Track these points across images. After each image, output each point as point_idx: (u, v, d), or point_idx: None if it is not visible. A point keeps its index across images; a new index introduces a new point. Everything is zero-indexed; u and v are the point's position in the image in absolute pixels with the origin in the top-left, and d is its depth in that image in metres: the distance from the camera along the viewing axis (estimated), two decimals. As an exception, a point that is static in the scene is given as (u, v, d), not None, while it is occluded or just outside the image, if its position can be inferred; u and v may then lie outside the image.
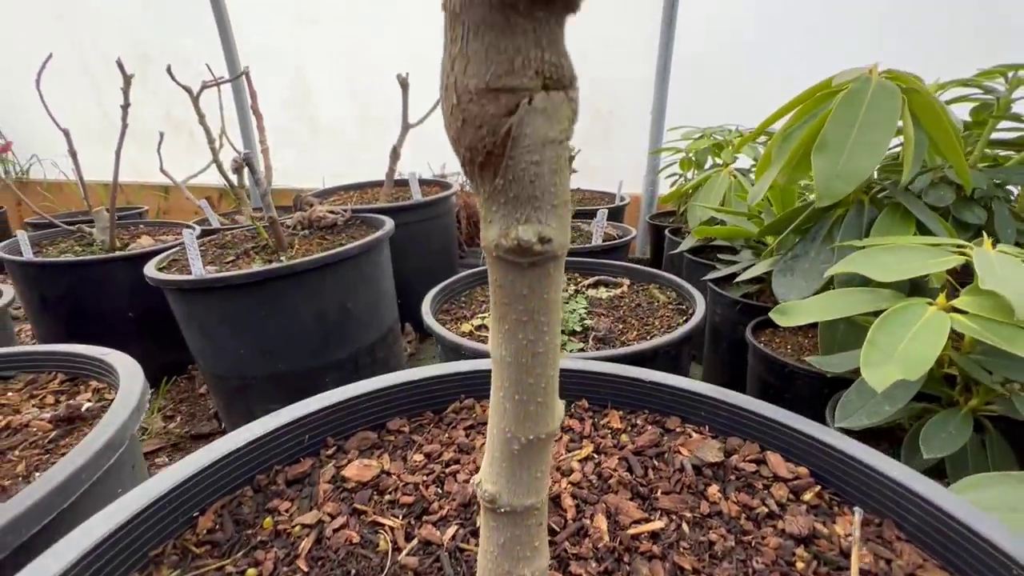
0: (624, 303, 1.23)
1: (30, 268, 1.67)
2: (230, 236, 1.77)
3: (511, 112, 0.23)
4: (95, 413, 0.67)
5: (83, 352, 0.77)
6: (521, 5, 0.21)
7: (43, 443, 0.62)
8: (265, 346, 1.37)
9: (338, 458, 0.52)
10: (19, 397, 0.72)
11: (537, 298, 0.28)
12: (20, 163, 3.76)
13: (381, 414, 0.58)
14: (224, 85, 2.66)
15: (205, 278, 1.27)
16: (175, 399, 1.84)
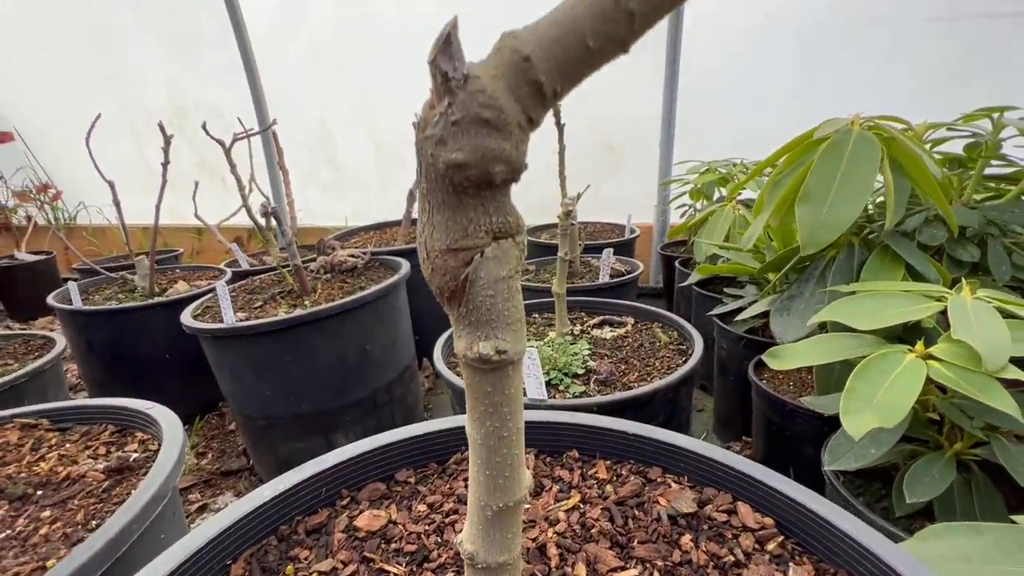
0: (627, 343, 1.28)
1: (78, 316, 1.81)
2: (258, 281, 1.88)
3: (468, 264, 0.30)
4: (141, 463, 0.76)
5: (130, 406, 0.86)
6: (470, 190, 0.29)
7: (98, 492, 0.70)
8: (289, 388, 1.46)
9: (351, 509, 0.59)
10: (76, 448, 0.81)
11: (499, 394, 0.34)
12: (69, 210, 4.04)
13: (390, 466, 0.65)
14: (251, 119, 2.86)
15: (235, 326, 1.37)
16: (207, 436, 1.94)
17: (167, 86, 3.50)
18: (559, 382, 1.09)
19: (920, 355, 0.75)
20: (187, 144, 3.72)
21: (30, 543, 0.62)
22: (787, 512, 0.53)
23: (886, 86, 2.42)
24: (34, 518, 0.66)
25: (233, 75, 3.26)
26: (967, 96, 2.32)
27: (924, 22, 2.35)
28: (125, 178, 3.12)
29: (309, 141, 3.47)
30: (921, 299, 0.83)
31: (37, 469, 0.76)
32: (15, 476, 0.75)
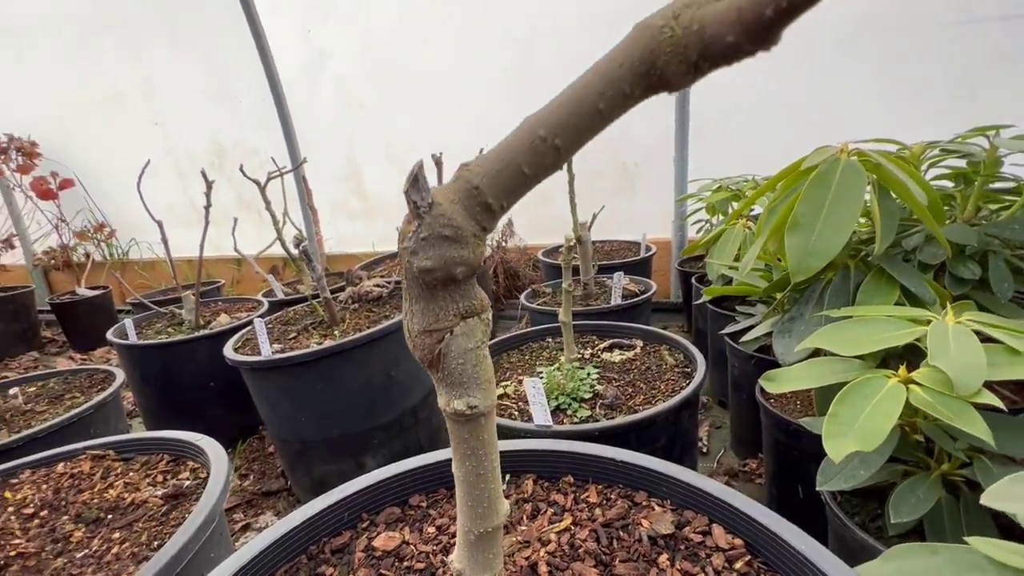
0: (635, 366, 1.34)
1: (133, 349, 1.99)
2: (292, 312, 2.02)
3: (440, 340, 0.38)
4: (193, 490, 0.87)
5: (182, 438, 0.97)
6: (439, 286, 0.37)
7: (158, 516, 0.81)
8: (321, 413, 1.57)
9: (370, 531, 0.67)
10: (138, 476, 0.93)
11: (475, 439, 0.42)
12: (122, 246, 4.36)
13: (404, 492, 0.73)
14: (284, 156, 3.05)
15: (271, 358, 1.50)
16: (248, 458, 2.08)
17: (208, 129, 3.77)
18: (567, 406, 1.16)
19: (902, 380, 0.79)
20: (226, 181, 3.98)
21: (104, 561, 0.73)
22: (755, 534, 0.58)
23: (904, 93, 2.41)
24: (107, 539, 0.77)
25: (267, 117, 3.50)
26: (988, 97, 2.30)
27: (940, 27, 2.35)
28: (171, 214, 3.36)
29: (338, 173, 3.66)
30: (905, 324, 0.86)
31: (107, 495, 0.88)
32: (89, 502, 0.87)
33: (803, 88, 2.62)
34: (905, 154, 1.29)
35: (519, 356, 1.51)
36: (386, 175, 3.56)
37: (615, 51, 0.36)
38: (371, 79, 3.28)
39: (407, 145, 3.43)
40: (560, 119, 0.36)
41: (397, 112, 3.33)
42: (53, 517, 0.84)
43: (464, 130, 3.33)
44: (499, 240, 3.31)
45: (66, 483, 0.93)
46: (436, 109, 3.27)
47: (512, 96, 3.16)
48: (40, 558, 0.75)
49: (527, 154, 0.36)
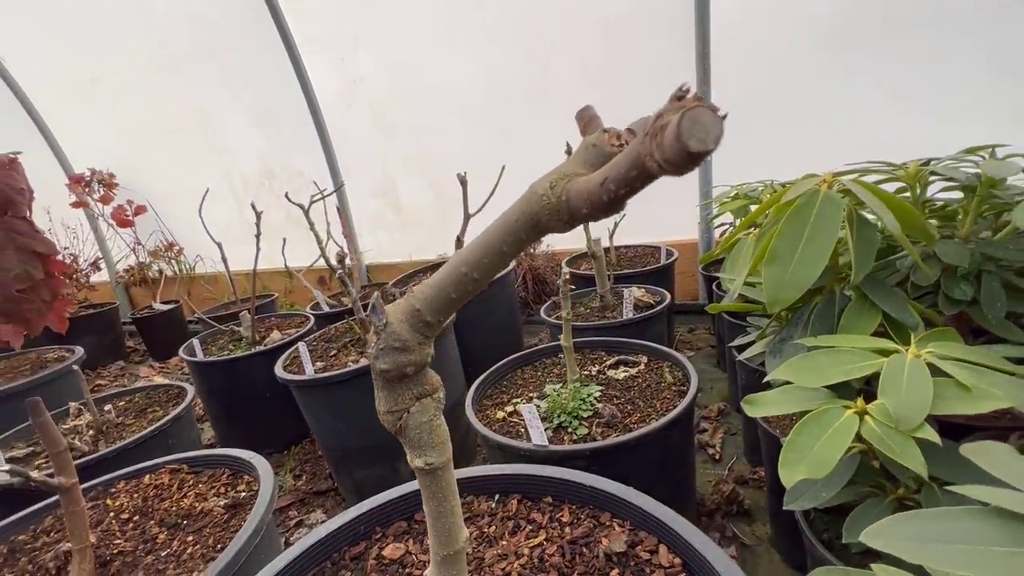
0: (637, 384, 1.43)
1: (200, 365, 2.26)
2: (334, 330, 2.23)
3: (400, 418, 0.52)
4: (247, 500, 1.06)
5: (239, 456, 1.17)
6: (395, 380, 0.51)
7: (221, 523, 1.00)
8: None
9: (381, 542, 0.83)
10: (205, 487, 1.13)
11: (436, 486, 0.56)
12: (189, 262, 4.80)
13: (411, 508, 0.88)
14: (325, 175, 3.29)
15: (314, 377, 1.70)
16: (301, 460, 2.32)
17: (257, 154, 4.09)
18: (568, 424, 1.27)
19: (858, 411, 0.86)
20: (276, 200, 4.30)
21: (181, 560, 0.93)
22: (692, 555, 0.69)
23: (932, 88, 2.32)
24: (183, 541, 0.97)
25: (309, 140, 3.77)
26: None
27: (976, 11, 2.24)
28: (227, 232, 3.70)
29: (375, 189, 3.89)
30: (869, 356, 0.92)
31: (182, 504, 1.08)
32: (169, 510, 1.08)
33: (834, 87, 2.57)
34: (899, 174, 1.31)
35: (532, 372, 1.64)
36: (418, 188, 3.75)
37: (513, 208, 0.48)
38: (401, 100, 3.47)
39: (437, 159, 3.60)
40: (477, 258, 0.48)
41: (426, 130, 3.51)
42: (143, 521, 1.06)
43: (489, 142, 3.46)
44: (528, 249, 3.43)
45: (151, 493, 1.14)
46: (462, 124, 3.42)
47: (530, 108, 3.26)
48: (135, 556, 0.96)
49: (453, 284, 0.49)
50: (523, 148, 3.42)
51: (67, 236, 4.48)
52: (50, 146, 4.54)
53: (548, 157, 3.05)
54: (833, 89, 2.56)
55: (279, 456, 2.38)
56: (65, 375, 2.21)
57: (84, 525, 0.91)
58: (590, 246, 2.04)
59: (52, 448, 0.91)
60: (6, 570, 0.98)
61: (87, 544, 0.91)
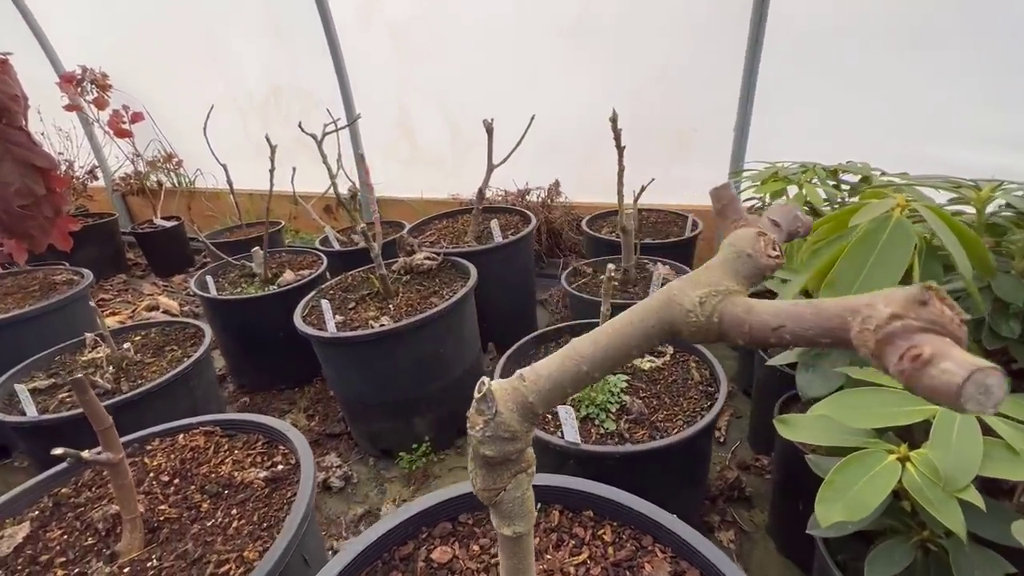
0: (663, 376, 1.45)
1: (214, 302, 2.24)
2: (350, 279, 2.20)
3: (497, 494, 0.51)
4: (286, 475, 1.08)
5: (274, 425, 1.18)
6: (496, 465, 0.49)
7: (262, 497, 1.04)
8: (379, 381, 1.79)
9: (428, 543, 0.86)
10: (242, 455, 1.16)
11: (518, 549, 0.57)
12: (189, 176, 4.62)
13: (455, 510, 0.91)
14: (336, 98, 3.12)
15: (337, 336, 1.69)
16: (313, 399, 2.38)
17: (264, 70, 3.81)
18: (595, 416, 1.30)
19: (900, 457, 0.88)
20: (283, 120, 4.07)
21: (228, 533, 0.96)
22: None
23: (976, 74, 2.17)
24: (227, 513, 1.00)
25: (321, 59, 3.49)
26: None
27: None
28: (229, 149, 3.53)
29: (389, 119, 3.68)
30: (916, 402, 0.93)
31: (221, 471, 1.11)
32: (208, 476, 1.11)
33: (888, 67, 2.39)
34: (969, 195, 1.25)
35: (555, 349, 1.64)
36: (435, 125, 3.56)
37: (648, 312, 0.45)
38: (424, 27, 3.19)
39: (458, 97, 3.39)
40: (600, 359, 0.46)
41: (449, 63, 3.27)
42: (184, 486, 1.09)
43: (516, 85, 3.24)
44: (545, 199, 3.33)
45: (188, 455, 1.17)
46: (488, 63, 3.18)
47: (564, 46, 3.02)
48: (181, 523, 1.00)
49: (571, 381, 0.46)
50: (553, 92, 3.22)
51: (61, 141, 4.25)
52: (42, 47, 4.18)
53: (580, 105, 2.89)
54: (879, 71, 2.39)
55: (290, 393, 2.44)
56: (77, 300, 2.18)
57: (133, 497, 0.93)
58: (622, 220, 1.98)
59: (99, 425, 0.91)
60: (55, 525, 1.02)
61: (137, 515, 0.94)
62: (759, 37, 2.61)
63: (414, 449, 1.90)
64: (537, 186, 3.39)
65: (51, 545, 0.97)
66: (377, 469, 1.93)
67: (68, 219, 1.80)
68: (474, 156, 3.66)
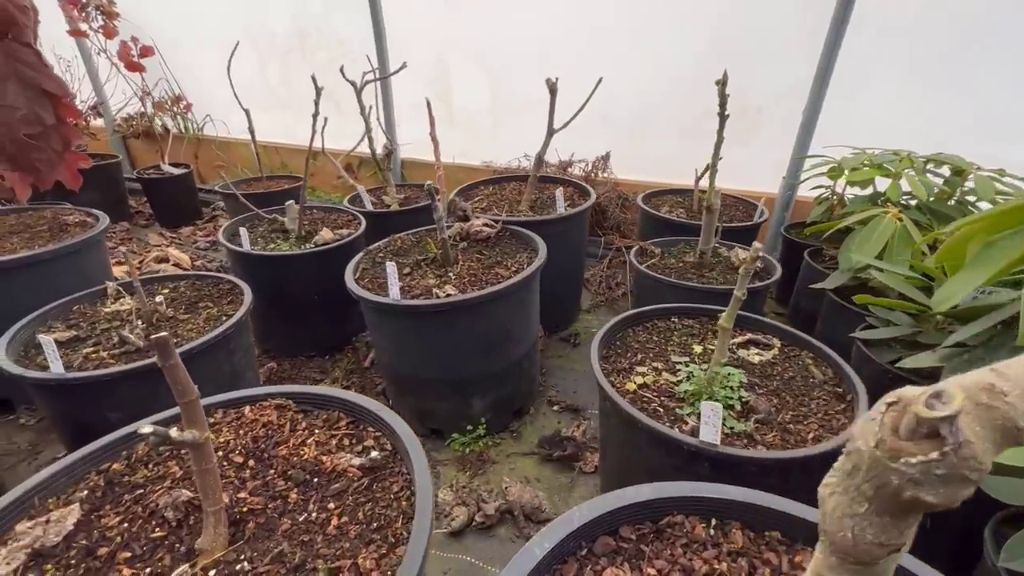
0: (777, 372, 1.30)
1: (247, 257, 2.03)
2: (399, 242, 2.01)
3: (889, 554, 0.35)
4: (383, 464, 0.92)
5: (361, 403, 1.01)
6: (918, 511, 0.33)
7: (361, 490, 0.87)
8: (440, 357, 1.62)
9: (592, 562, 0.71)
10: (324, 435, 0.99)
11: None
12: (197, 121, 4.30)
13: (613, 524, 0.76)
14: (368, 54, 2.88)
15: (400, 303, 1.51)
16: (346, 369, 2.20)
17: (289, 10, 3.51)
18: (715, 413, 1.15)
19: None
20: (307, 67, 3.78)
21: (327, 532, 0.80)
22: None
23: None
24: (323, 508, 0.84)
25: (357, 3, 3.21)
26: None
27: None
28: (246, 95, 3.25)
29: (424, 74, 3.43)
30: None
31: (303, 454, 0.94)
32: (289, 459, 0.94)
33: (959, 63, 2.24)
34: None
35: (646, 335, 1.49)
36: (474, 86, 3.32)
37: None
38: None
39: (503, 56, 3.15)
40: None
41: (496, 16, 3.02)
42: (262, 470, 0.92)
43: (566, 49, 3.01)
44: (589, 172, 3.13)
45: (260, 432, 0.99)
46: (540, 19, 2.94)
47: (622, 22, 2.80)
48: (267, 516, 0.83)
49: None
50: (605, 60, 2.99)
51: (61, 72, 3.90)
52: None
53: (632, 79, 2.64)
54: (958, 65, 2.24)
55: (321, 361, 2.26)
56: (92, 245, 1.96)
57: (217, 484, 0.76)
58: (711, 198, 1.81)
59: (182, 396, 0.73)
60: (110, 510, 0.84)
61: (222, 506, 0.77)
62: (845, 17, 2.42)
63: (468, 431, 1.75)
64: (580, 159, 3.19)
65: (109, 535, 0.80)
66: (426, 449, 1.77)
67: (77, 155, 1.58)
68: (513, 122, 3.44)
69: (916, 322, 1.52)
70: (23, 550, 0.77)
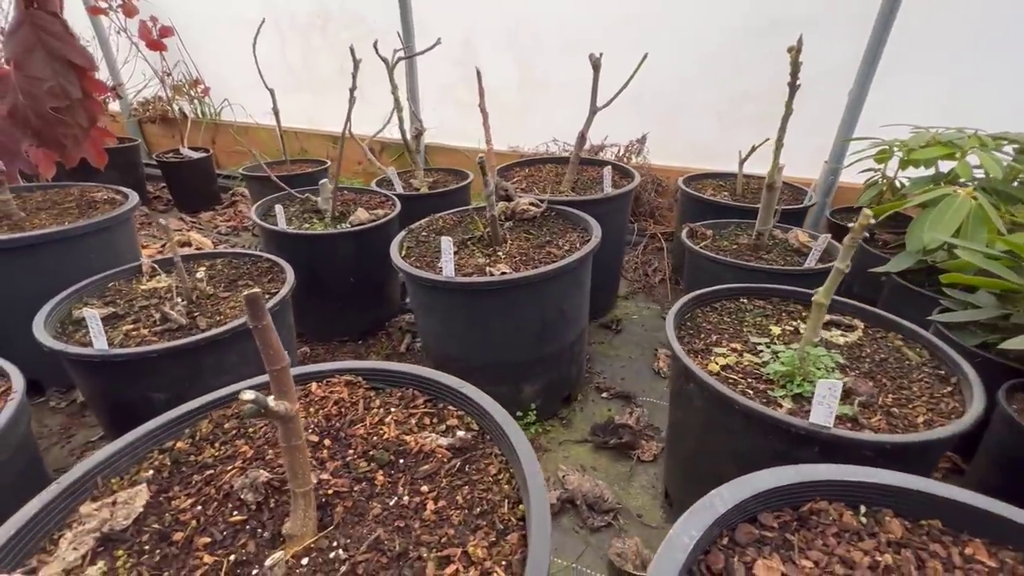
0: (866, 354, 1.22)
1: (282, 236, 1.96)
2: (442, 221, 1.93)
3: None
4: (473, 444, 0.84)
5: (440, 379, 0.93)
6: None
7: (453, 472, 0.79)
8: (493, 339, 1.54)
9: (738, 552, 0.63)
10: (403, 414, 0.91)
11: None
12: (214, 105, 4.22)
13: (751, 510, 0.68)
14: (391, 39, 2.79)
15: (456, 281, 1.43)
16: (382, 355, 2.13)
17: (315, -14, 3.41)
18: (810, 396, 1.07)
19: None
20: (328, 48, 3.70)
21: (423, 517, 0.71)
22: None
23: None
24: (414, 490, 0.76)
25: (383, -22, 3.12)
26: None
27: None
28: (267, 76, 3.16)
29: (451, 56, 3.33)
30: None
31: (383, 434, 0.86)
32: (369, 439, 0.86)
33: None
34: None
35: (716, 316, 1.40)
36: (503, 65, 3.23)
37: None
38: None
39: (533, 38, 3.05)
40: None
41: (527, 1, 2.93)
42: (340, 450, 0.84)
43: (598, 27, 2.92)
44: (622, 156, 3.04)
45: (332, 410, 0.91)
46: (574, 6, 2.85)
47: None
48: (354, 500, 0.75)
49: None
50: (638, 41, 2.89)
51: (76, 49, 3.82)
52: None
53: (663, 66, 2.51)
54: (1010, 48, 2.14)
55: (354, 346, 2.18)
56: (122, 223, 1.88)
57: (306, 463, 0.68)
58: (773, 175, 1.72)
59: (273, 363, 0.65)
60: (179, 491, 0.77)
61: (311, 486, 0.69)
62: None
63: (518, 418, 1.67)
64: (613, 143, 3.10)
65: (183, 518, 0.72)
66: (472, 437, 1.69)
67: (103, 131, 1.50)
68: (542, 104, 3.34)
69: (1002, 303, 1.43)
70: (91, 534, 0.69)
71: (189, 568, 0.65)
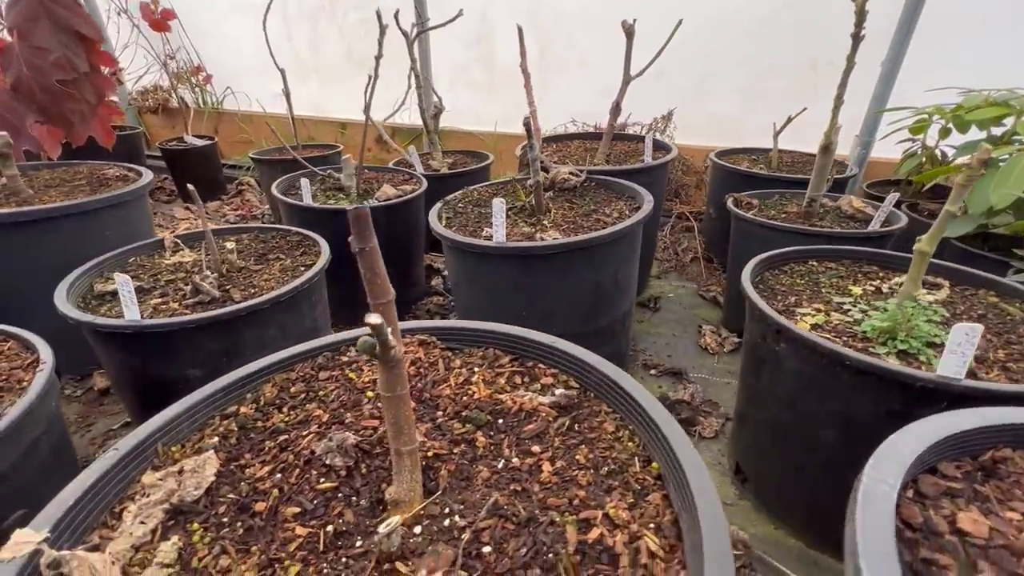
0: (960, 311, 1.14)
1: (309, 212, 1.85)
2: (477, 193, 1.83)
3: None
4: (578, 401, 0.74)
5: (527, 335, 0.84)
6: None
7: (563, 431, 0.69)
8: (545, 309, 1.45)
9: (929, 503, 0.54)
10: (489, 373, 0.81)
11: None
12: (216, 94, 4.10)
13: (928, 460, 0.59)
14: (403, 19, 2.69)
15: (509, 246, 1.33)
16: (411, 338, 2.02)
17: (324, -36, 3.30)
18: (917, 353, 0.98)
19: None
20: (336, 31, 3.59)
21: (543, 480, 0.62)
22: None
23: None
24: (524, 452, 0.66)
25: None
26: None
27: None
28: (267, 62, 3.05)
29: (466, 35, 3.24)
30: None
31: (473, 393, 0.77)
32: (457, 399, 0.76)
33: None
34: None
35: (789, 279, 1.32)
36: (524, 44, 3.12)
37: None
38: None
39: (554, 13, 2.96)
40: None
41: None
42: (428, 412, 0.74)
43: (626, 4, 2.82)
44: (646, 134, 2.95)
45: (410, 370, 0.82)
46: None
47: None
48: (457, 463, 0.65)
49: None
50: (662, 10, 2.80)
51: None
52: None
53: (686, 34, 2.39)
54: None
55: (382, 330, 2.08)
56: (137, 199, 1.77)
57: (412, 418, 0.58)
58: (829, 134, 1.64)
59: (378, 296, 0.56)
60: (252, 458, 0.67)
61: (416, 445, 0.59)
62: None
63: (568, 396, 1.57)
64: (637, 122, 3.01)
65: (262, 487, 0.62)
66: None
67: (111, 108, 1.39)
68: (563, 81, 3.24)
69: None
70: (159, 506, 0.59)
71: (280, 541, 0.56)
